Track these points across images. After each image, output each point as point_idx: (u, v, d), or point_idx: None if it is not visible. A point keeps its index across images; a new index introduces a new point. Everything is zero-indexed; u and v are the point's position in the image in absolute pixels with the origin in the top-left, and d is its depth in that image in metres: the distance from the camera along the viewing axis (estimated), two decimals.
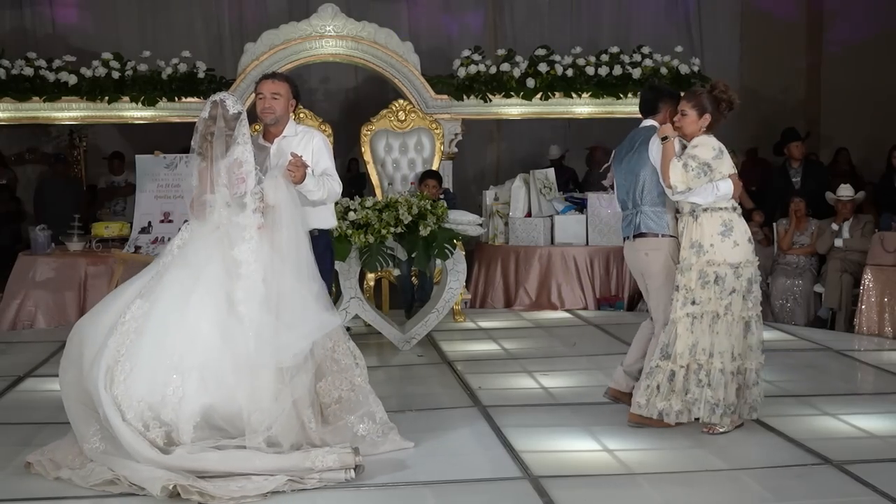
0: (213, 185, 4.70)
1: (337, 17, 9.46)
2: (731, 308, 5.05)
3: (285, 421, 4.48)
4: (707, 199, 5.08)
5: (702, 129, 5.16)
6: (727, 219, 5.09)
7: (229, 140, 4.72)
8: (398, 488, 4.39)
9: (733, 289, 5.05)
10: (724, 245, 5.06)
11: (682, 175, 5.01)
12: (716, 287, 5.05)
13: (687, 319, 5.05)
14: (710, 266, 5.05)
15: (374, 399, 4.89)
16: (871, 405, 5.75)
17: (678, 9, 12.93)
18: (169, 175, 8.08)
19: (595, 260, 9.29)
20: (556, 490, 4.32)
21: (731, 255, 5.05)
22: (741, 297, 5.06)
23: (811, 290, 9.01)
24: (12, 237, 11.45)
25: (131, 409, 4.39)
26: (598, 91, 9.67)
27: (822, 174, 10.30)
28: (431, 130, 9.42)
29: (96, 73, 9.25)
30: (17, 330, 8.44)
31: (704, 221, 5.08)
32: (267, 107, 5.20)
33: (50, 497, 4.34)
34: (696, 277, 5.06)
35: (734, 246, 5.06)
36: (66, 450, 4.60)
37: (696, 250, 5.07)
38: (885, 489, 4.27)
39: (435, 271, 8.16)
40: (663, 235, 5.28)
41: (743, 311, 5.08)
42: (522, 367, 6.80)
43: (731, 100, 5.21)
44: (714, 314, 5.06)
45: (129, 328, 4.51)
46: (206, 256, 4.63)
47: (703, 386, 5.03)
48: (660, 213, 5.27)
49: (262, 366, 4.50)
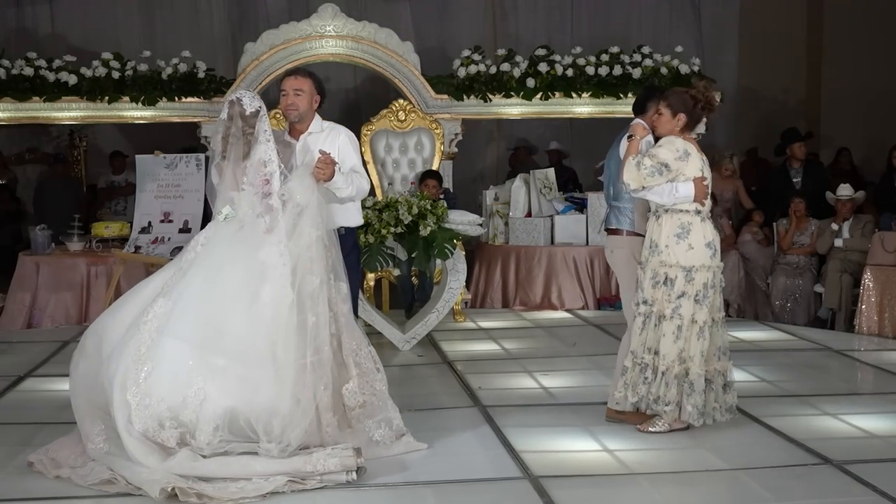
0: (237, 183, 4.66)
1: (337, 17, 9.46)
2: (678, 311, 5.02)
3: (306, 426, 4.47)
4: (664, 199, 5.05)
5: (676, 129, 5.12)
6: (686, 221, 5.05)
7: (250, 139, 4.67)
8: (398, 488, 4.39)
9: (683, 292, 5.02)
10: (679, 247, 5.03)
11: (634, 173, 5.00)
12: (664, 288, 5.05)
13: (640, 318, 5.12)
14: (662, 266, 5.06)
15: (392, 405, 4.86)
16: (871, 405, 5.75)
17: (678, 8, 12.93)
18: (169, 175, 8.08)
19: (595, 260, 9.29)
20: (556, 490, 4.32)
21: (685, 258, 5.02)
22: (692, 301, 5.02)
23: (811, 290, 9.01)
24: (12, 237, 11.47)
25: (148, 408, 4.35)
26: (598, 91, 9.67)
27: (823, 174, 10.30)
28: (431, 130, 9.41)
29: (96, 73, 9.25)
30: (17, 330, 8.45)
31: (664, 222, 5.08)
32: (290, 104, 5.11)
33: (50, 497, 4.34)
34: (649, 276, 5.09)
35: (688, 249, 5.03)
36: (70, 448, 4.59)
37: (652, 250, 5.10)
38: (885, 489, 4.27)
39: (435, 271, 8.15)
40: (627, 233, 5.37)
41: (696, 314, 5.03)
42: (522, 367, 6.80)
43: (708, 100, 5.14)
44: (660, 315, 5.07)
45: (151, 327, 4.45)
46: (230, 255, 4.59)
47: (648, 383, 5.08)
48: (627, 210, 5.35)
49: (287, 367, 4.48)
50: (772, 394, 6.04)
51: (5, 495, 4.34)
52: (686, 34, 12.59)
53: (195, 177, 7.99)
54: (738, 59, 13.04)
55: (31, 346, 7.72)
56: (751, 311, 9.19)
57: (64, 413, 5.67)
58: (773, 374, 6.53)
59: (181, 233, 7.86)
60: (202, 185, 7.84)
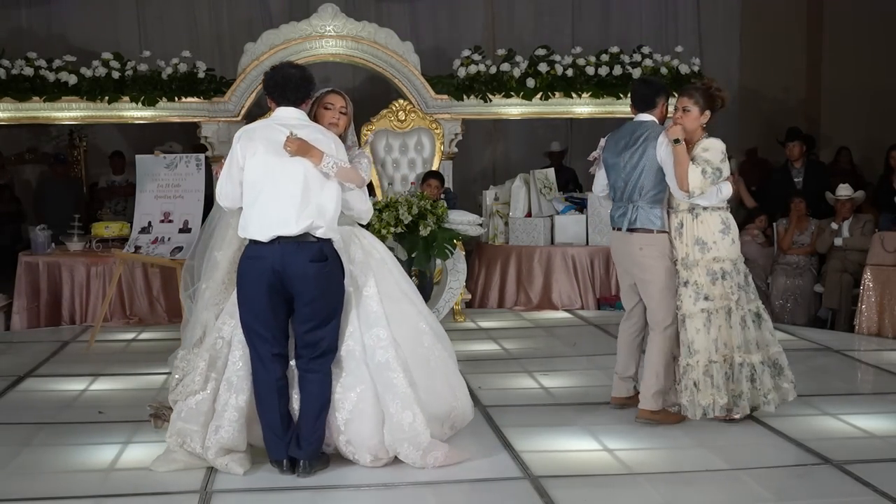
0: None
1: (337, 17, 9.45)
2: (740, 302, 5.22)
3: None
4: (712, 201, 5.23)
5: (702, 126, 5.19)
6: (725, 217, 5.29)
7: None
8: (398, 488, 4.39)
9: (738, 283, 5.22)
10: (725, 242, 5.23)
11: (700, 181, 5.10)
12: (724, 282, 5.19)
13: (703, 315, 5.17)
14: (715, 262, 5.19)
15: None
16: (871, 405, 5.75)
17: (678, 8, 12.92)
18: (169, 175, 8.05)
19: (595, 260, 9.30)
20: (556, 490, 4.32)
21: (730, 251, 5.24)
22: (744, 291, 5.25)
23: (811, 290, 9.01)
24: (12, 237, 11.46)
25: None
26: (598, 91, 9.67)
27: (824, 174, 10.30)
28: (431, 130, 9.41)
29: (96, 73, 9.24)
30: (17, 330, 8.45)
31: (706, 220, 5.23)
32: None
33: (50, 497, 4.35)
34: (704, 273, 5.19)
35: (732, 243, 5.26)
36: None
37: (700, 247, 5.20)
38: (885, 489, 4.28)
39: (435, 271, 8.15)
40: (658, 231, 5.34)
41: (749, 303, 5.26)
42: (522, 367, 6.81)
43: (724, 98, 5.31)
44: (727, 309, 5.20)
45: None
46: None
47: (729, 379, 5.19)
48: (657, 209, 5.34)
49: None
50: None
51: (5, 495, 4.34)
52: (686, 34, 12.59)
53: (195, 177, 7.97)
54: (739, 59, 13.04)
55: (31, 346, 7.73)
56: None
57: (64, 413, 5.70)
58: None
59: (181, 233, 7.84)
60: (202, 185, 7.83)
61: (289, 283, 4.43)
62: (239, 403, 4.56)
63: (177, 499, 4.30)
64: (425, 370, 4.66)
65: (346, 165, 4.53)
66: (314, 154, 4.45)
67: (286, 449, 4.51)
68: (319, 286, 4.44)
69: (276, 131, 4.51)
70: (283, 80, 4.61)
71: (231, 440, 4.55)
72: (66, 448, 4.99)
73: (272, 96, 4.68)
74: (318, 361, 4.50)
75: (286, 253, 4.42)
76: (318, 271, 4.43)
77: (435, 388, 4.68)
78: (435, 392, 4.67)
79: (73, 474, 4.62)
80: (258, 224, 4.47)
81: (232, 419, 4.55)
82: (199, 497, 4.30)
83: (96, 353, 7.42)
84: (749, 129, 12.65)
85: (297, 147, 4.44)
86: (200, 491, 4.36)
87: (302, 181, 4.45)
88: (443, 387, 4.72)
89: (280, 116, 4.63)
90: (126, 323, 8.56)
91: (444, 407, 4.71)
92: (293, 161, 4.46)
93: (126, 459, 4.81)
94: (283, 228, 4.42)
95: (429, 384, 4.65)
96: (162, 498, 4.32)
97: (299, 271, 4.41)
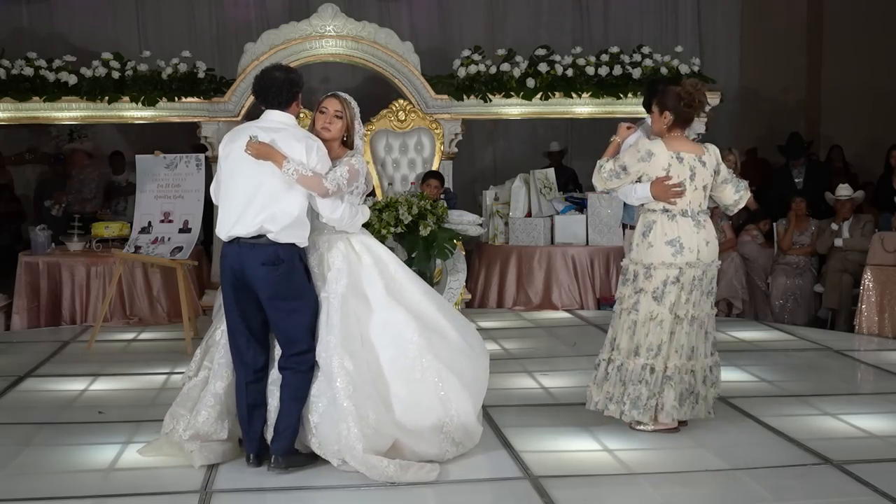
0: None
1: (337, 17, 9.45)
2: (637, 307, 5.08)
3: None
4: (629, 199, 5.25)
5: (665, 127, 5.12)
6: (650, 220, 5.12)
7: None
8: (398, 488, 4.39)
9: (641, 289, 5.08)
10: (642, 245, 5.13)
11: (596, 176, 5.20)
12: (630, 284, 5.16)
13: (615, 314, 5.24)
14: (631, 264, 5.19)
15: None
16: (871, 405, 5.76)
17: (678, 8, 12.93)
18: (169, 175, 8.06)
19: (595, 260, 9.30)
20: (556, 490, 4.32)
21: (645, 255, 5.10)
22: (650, 298, 5.06)
23: (811, 290, 9.01)
24: (12, 237, 11.46)
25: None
26: (598, 91, 9.66)
27: (824, 174, 10.30)
28: (431, 130, 9.41)
29: (96, 73, 9.24)
30: (17, 330, 8.45)
31: (639, 222, 5.23)
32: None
33: (50, 497, 4.35)
34: (622, 274, 5.26)
35: (648, 247, 5.09)
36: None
37: (629, 249, 5.25)
38: (885, 489, 4.28)
39: (435, 271, 8.14)
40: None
41: (654, 311, 5.05)
42: (522, 367, 6.81)
43: (691, 98, 5.03)
44: (625, 310, 5.15)
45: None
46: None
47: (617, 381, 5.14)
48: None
49: None
50: (772, 394, 6.04)
51: (5, 495, 4.34)
52: (686, 34, 12.60)
53: (195, 177, 7.98)
54: (739, 59, 13.04)
55: (31, 346, 7.73)
56: (751, 312, 9.20)
57: (64, 413, 5.70)
58: (773, 374, 6.54)
59: (181, 233, 7.85)
60: (202, 185, 7.83)
61: (248, 282, 4.52)
62: (216, 390, 4.65)
63: (177, 499, 4.30)
64: (405, 381, 4.58)
65: (307, 173, 4.50)
66: (276, 158, 4.48)
67: (252, 444, 4.61)
68: (272, 287, 4.50)
69: (251, 133, 4.57)
70: (266, 84, 4.66)
71: (206, 425, 4.62)
72: (66, 448, 4.99)
73: (258, 100, 4.76)
74: (293, 359, 4.54)
75: (242, 253, 4.52)
76: (267, 274, 4.48)
77: (418, 401, 4.58)
78: (418, 405, 4.57)
79: (73, 474, 4.62)
80: (220, 223, 4.61)
81: (208, 404, 4.64)
82: (199, 497, 4.30)
83: (96, 353, 7.41)
84: (749, 129, 12.66)
85: (256, 151, 4.49)
86: (200, 491, 4.36)
87: (258, 183, 4.51)
88: (431, 399, 4.61)
89: (264, 119, 4.70)
90: (126, 323, 8.56)
91: (429, 420, 4.58)
92: (258, 164, 4.50)
93: (126, 459, 4.81)
94: (238, 229, 4.52)
95: (409, 396, 4.57)
96: (162, 498, 4.32)
97: (252, 272, 4.50)
